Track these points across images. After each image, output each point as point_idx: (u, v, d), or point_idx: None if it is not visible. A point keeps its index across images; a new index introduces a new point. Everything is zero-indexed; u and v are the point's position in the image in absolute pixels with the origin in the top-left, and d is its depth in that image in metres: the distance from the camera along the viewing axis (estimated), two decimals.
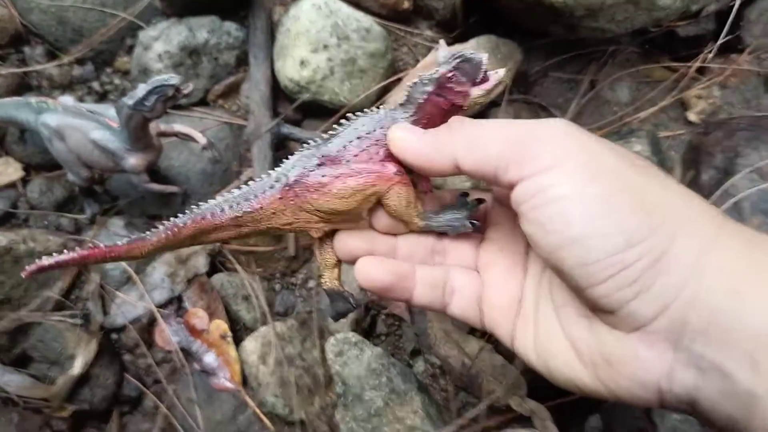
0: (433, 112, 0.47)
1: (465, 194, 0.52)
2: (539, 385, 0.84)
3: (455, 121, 0.45)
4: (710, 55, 0.99)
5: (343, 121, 0.48)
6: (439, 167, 0.44)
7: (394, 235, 0.52)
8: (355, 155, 0.47)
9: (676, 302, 0.35)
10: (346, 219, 0.50)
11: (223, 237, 0.51)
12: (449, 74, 0.45)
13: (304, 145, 0.48)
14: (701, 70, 1.01)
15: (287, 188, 0.47)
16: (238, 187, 0.50)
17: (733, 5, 0.97)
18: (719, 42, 0.98)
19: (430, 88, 0.46)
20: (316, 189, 0.47)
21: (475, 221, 0.50)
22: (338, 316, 0.55)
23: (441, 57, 0.46)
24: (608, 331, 0.39)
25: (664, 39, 1.05)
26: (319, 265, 0.55)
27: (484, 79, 0.46)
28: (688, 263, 0.35)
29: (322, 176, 0.46)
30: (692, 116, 0.99)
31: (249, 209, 0.48)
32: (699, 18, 1.01)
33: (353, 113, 0.48)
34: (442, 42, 0.49)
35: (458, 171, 0.44)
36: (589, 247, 0.36)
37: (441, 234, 0.53)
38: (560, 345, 0.43)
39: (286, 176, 0.47)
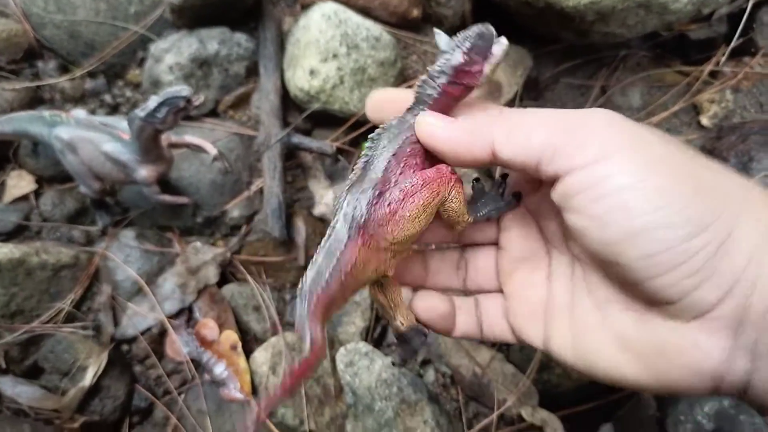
0: (447, 103, 0.44)
1: (504, 176, 0.49)
2: (551, 395, 0.83)
3: (494, 108, 0.43)
4: (723, 59, 0.98)
5: (362, 153, 0.44)
6: (473, 155, 0.42)
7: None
8: (400, 173, 0.43)
9: (738, 286, 0.34)
10: (412, 243, 0.46)
11: (339, 306, 0.46)
12: (466, 58, 0.42)
13: (343, 193, 0.44)
14: (713, 74, 1.00)
15: (362, 231, 0.42)
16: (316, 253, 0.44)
17: (746, 8, 0.96)
18: (732, 45, 0.96)
19: (444, 80, 0.43)
20: (388, 220, 0.43)
21: (517, 192, 0.48)
22: (413, 354, 0.52)
23: (444, 44, 0.43)
24: (663, 321, 0.37)
25: (675, 43, 1.04)
26: (389, 308, 0.49)
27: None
28: (751, 246, 0.34)
29: (388, 205, 0.43)
30: (705, 120, 0.98)
31: (348, 268, 0.43)
32: (710, 21, 1.00)
33: (366, 140, 0.45)
34: (437, 30, 0.45)
35: (493, 160, 0.41)
36: (653, 238, 0.35)
37: (463, 246, 0.51)
38: (602, 340, 0.41)
39: (355, 220, 0.42)
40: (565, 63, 1.04)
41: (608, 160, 0.36)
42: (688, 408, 0.79)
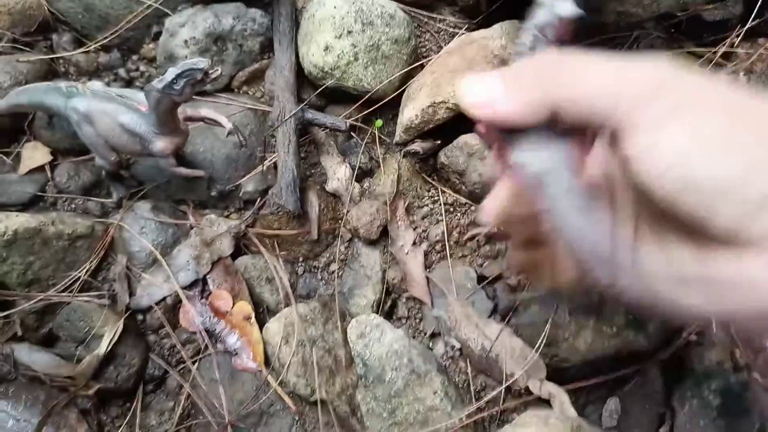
0: None
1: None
2: (558, 369, 0.84)
3: (546, 55, 0.40)
4: (737, 40, 0.98)
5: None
6: (530, 113, 0.38)
7: None
8: None
9: None
10: None
11: None
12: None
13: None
14: (727, 56, 1.00)
15: None
16: None
17: None
18: (747, 26, 0.96)
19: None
20: None
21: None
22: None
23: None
24: (723, 253, 0.37)
25: (689, 24, 1.03)
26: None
27: None
28: None
29: None
30: None
31: None
32: (726, 2, 0.99)
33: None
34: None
35: (548, 115, 0.38)
36: (712, 186, 0.35)
37: None
38: (664, 274, 0.40)
39: None
40: (577, 43, 1.04)
41: (673, 118, 0.35)
42: (695, 384, 0.80)
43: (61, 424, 0.87)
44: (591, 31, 1.03)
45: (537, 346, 0.82)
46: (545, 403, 0.82)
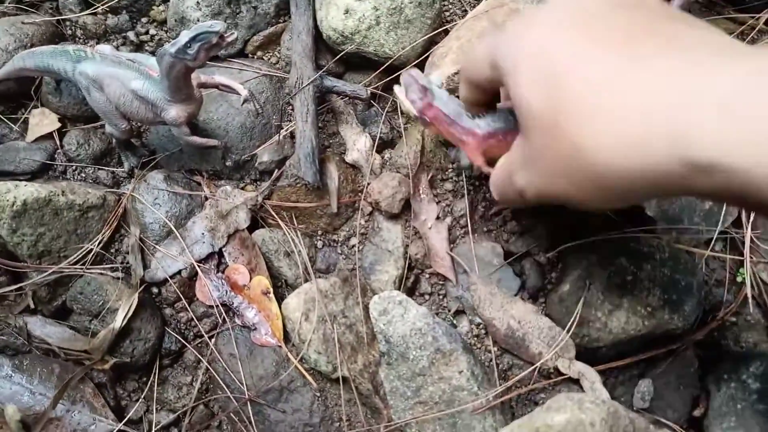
0: None
1: None
2: (588, 350, 0.82)
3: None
4: None
5: None
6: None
7: None
8: None
9: None
10: None
11: None
12: None
13: None
14: None
15: None
16: None
17: None
18: None
19: None
20: None
21: None
22: None
23: None
24: None
25: None
26: None
27: None
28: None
29: None
30: None
31: None
32: None
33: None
34: None
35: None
36: None
37: None
38: None
39: None
40: None
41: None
42: (732, 366, 0.78)
43: (77, 398, 0.86)
44: None
45: (568, 326, 0.79)
46: (575, 382, 0.80)
